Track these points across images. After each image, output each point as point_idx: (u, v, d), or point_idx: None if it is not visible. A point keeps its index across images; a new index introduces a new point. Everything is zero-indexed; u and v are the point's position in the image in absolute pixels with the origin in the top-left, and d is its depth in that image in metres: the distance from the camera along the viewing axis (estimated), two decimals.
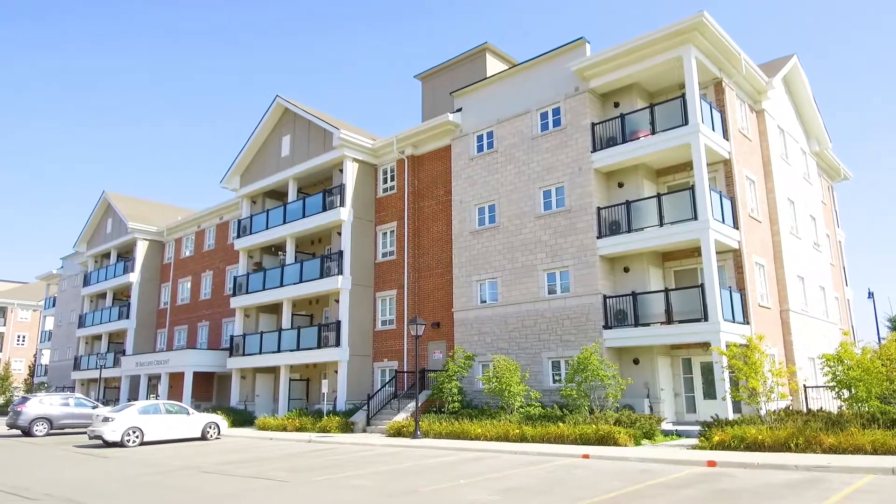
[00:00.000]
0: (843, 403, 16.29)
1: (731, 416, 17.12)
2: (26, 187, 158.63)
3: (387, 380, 26.11)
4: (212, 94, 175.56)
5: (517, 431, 17.91)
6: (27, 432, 25.21)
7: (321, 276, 27.89)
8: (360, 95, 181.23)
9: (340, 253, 27.59)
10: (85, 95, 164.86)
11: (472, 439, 18.65)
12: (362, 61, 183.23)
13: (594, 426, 16.79)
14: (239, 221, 33.12)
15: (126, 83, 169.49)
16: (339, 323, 26.85)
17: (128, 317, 41.68)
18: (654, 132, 20.40)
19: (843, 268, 32.60)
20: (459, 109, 26.47)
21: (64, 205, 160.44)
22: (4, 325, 75.23)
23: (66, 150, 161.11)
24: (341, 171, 28.79)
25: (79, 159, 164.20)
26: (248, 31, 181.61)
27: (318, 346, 27.17)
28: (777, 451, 13.74)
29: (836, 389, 16.39)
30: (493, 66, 28.46)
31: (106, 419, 20.73)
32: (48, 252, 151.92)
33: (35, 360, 59.90)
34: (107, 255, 46.94)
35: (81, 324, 46.29)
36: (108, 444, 20.46)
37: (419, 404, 21.17)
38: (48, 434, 25.56)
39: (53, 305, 56.39)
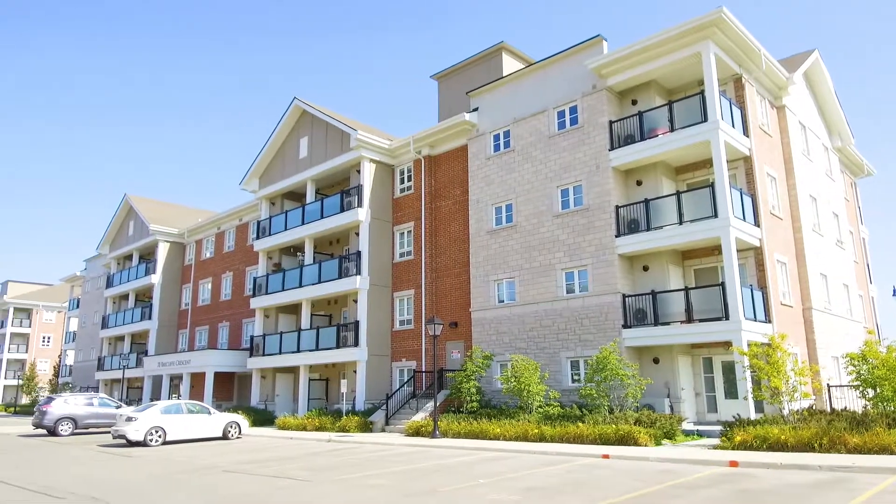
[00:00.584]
0: (867, 403, 16.06)
1: (753, 415, 16.93)
2: (50, 191, 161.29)
3: (405, 379, 26.20)
4: (230, 95, 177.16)
5: (536, 431, 17.87)
6: (52, 432, 25.65)
7: (339, 277, 28.04)
8: (377, 96, 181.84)
9: (358, 253, 27.72)
10: (98, 96, 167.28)
11: (490, 439, 18.65)
12: (379, 62, 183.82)
13: (614, 426, 16.69)
14: (258, 223, 33.42)
15: (144, 85, 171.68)
16: (357, 323, 26.98)
17: (150, 318, 42.25)
18: (672, 129, 20.23)
19: (867, 265, 32.07)
20: (476, 109, 26.45)
21: (87, 208, 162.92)
22: (30, 326, 76.60)
23: (88, 152, 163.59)
24: (359, 171, 28.92)
25: (101, 161, 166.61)
26: (265, 32, 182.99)
27: (337, 346, 27.32)
28: (800, 451, 13.58)
29: (861, 389, 16.15)
30: (510, 65, 28.40)
31: (129, 419, 21.03)
32: (72, 254, 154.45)
33: (60, 361, 60.91)
34: (129, 257, 47.60)
35: (105, 325, 47.01)
36: (131, 444, 20.74)
37: (438, 404, 21.20)
38: (73, 434, 25.96)
39: (77, 307, 57.30)
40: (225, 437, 22.92)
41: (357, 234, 28.59)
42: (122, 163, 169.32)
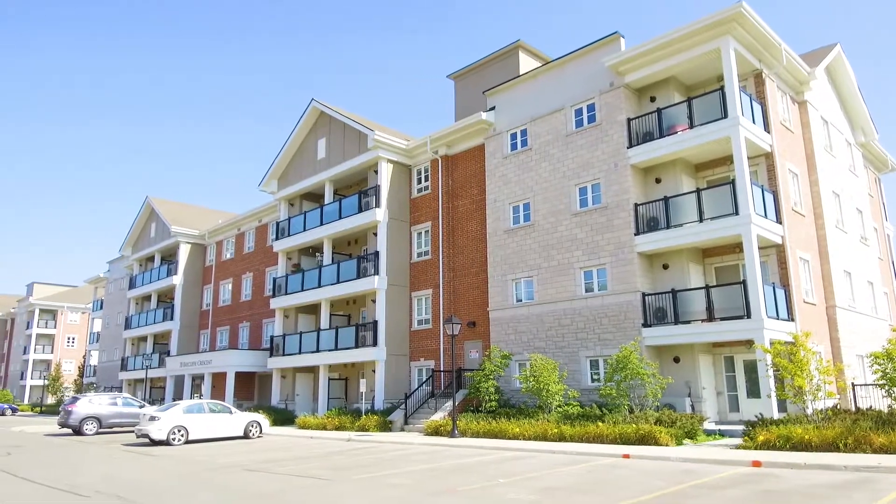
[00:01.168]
0: (893, 402, 15.77)
1: (776, 415, 16.72)
2: (75, 194, 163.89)
3: (424, 379, 26.24)
4: (249, 96, 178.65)
5: (555, 431, 17.80)
6: (77, 431, 26.06)
7: (358, 277, 28.17)
8: (393, 96, 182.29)
9: (376, 253, 27.82)
10: (117, 99, 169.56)
11: (509, 439, 18.62)
12: (394, 62, 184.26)
13: (634, 425, 16.58)
14: (277, 224, 33.69)
15: (160, 86, 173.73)
16: (375, 323, 27.08)
17: (172, 318, 42.77)
18: (692, 126, 20.04)
19: (892, 262, 31.50)
20: (493, 108, 26.41)
21: (110, 210, 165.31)
22: (55, 327, 77.93)
23: (110, 155, 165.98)
24: (376, 172, 29.03)
25: (122, 164, 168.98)
26: (282, 33, 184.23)
27: (356, 346, 27.45)
28: (825, 451, 13.39)
29: (886, 387, 15.86)
30: (526, 63, 28.32)
31: (152, 418, 21.31)
32: (96, 256, 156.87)
33: (84, 361, 61.85)
34: (151, 259, 48.24)
35: (128, 325, 47.68)
36: (154, 443, 21.02)
37: (456, 403, 21.20)
38: (97, 433, 26.35)
39: (101, 308, 58.16)
40: (246, 436, 23.13)
41: (375, 235, 28.70)
42: (139, 164, 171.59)
